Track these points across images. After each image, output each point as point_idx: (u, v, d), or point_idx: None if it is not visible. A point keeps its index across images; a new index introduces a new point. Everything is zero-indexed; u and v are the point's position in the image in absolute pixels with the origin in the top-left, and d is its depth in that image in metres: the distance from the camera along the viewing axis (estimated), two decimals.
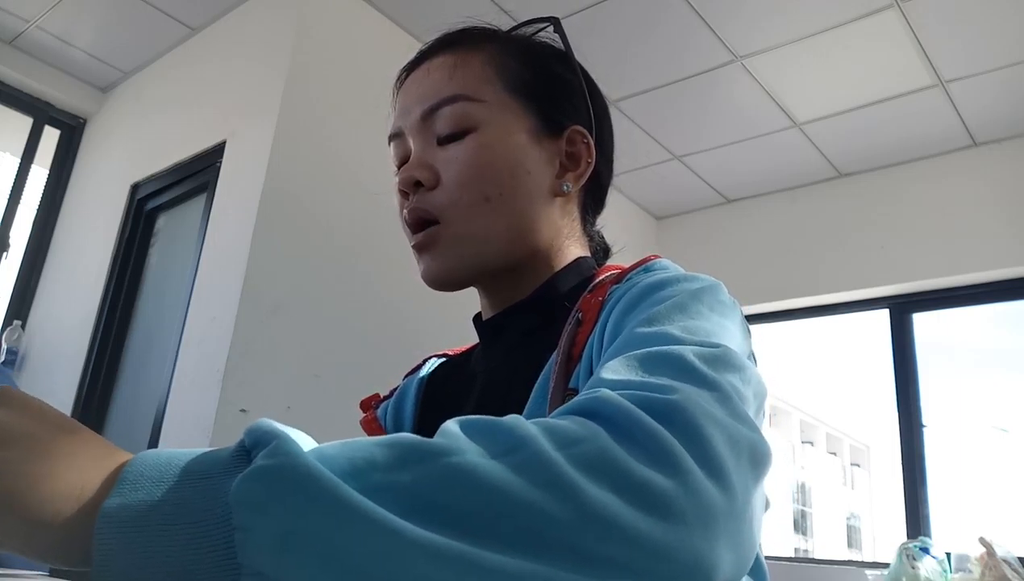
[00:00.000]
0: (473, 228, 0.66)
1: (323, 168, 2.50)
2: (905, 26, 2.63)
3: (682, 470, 0.36)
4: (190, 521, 0.33)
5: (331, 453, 0.34)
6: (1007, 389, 13.32)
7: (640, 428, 0.38)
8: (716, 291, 0.58)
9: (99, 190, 3.16)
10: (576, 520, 0.33)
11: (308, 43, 2.55)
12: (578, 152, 0.72)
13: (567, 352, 0.60)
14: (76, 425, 0.39)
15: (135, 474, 0.35)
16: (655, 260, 0.67)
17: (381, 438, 0.36)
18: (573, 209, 0.74)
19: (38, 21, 2.96)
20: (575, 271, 0.72)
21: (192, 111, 2.86)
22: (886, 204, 3.44)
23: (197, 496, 0.33)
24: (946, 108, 3.04)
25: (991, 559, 2.41)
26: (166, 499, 0.33)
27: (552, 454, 0.35)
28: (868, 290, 3.44)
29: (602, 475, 0.35)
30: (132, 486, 0.34)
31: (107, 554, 0.33)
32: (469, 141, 0.67)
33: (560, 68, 0.73)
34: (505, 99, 0.69)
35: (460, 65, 0.69)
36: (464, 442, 0.36)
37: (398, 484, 0.33)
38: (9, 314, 3.11)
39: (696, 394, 0.41)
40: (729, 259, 3.80)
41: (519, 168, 0.67)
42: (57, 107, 3.31)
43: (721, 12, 2.63)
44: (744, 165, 3.57)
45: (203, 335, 2.32)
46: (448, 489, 0.33)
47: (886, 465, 23.05)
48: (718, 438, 0.39)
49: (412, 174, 0.68)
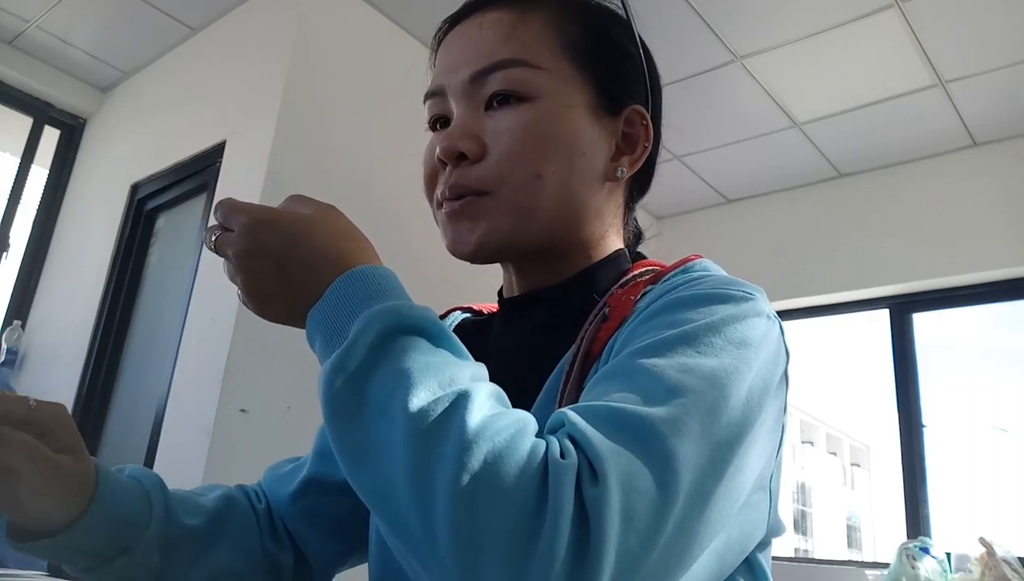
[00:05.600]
0: (520, 204, 0.60)
1: (323, 168, 2.50)
2: (905, 26, 2.63)
3: (545, 542, 0.37)
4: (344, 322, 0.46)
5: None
6: (1007, 389, 13.35)
7: (552, 528, 0.37)
8: (745, 313, 0.52)
9: (99, 190, 3.16)
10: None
11: (308, 43, 2.55)
12: (635, 134, 0.66)
13: (587, 349, 0.57)
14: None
15: (330, 306, 0.48)
16: (696, 261, 0.63)
17: (454, 372, 0.43)
18: (619, 195, 0.69)
19: (38, 21, 2.96)
20: (613, 265, 0.66)
21: (192, 111, 2.86)
22: (886, 204, 3.44)
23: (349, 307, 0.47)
24: (946, 108, 3.04)
25: (991, 559, 2.41)
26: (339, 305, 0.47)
27: (454, 474, 0.38)
28: (868, 290, 3.44)
29: (495, 458, 0.39)
30: (323, 311, 0.48)
31: (311, 338, 0.49)
32: (524, 111, 0.60)
33: (622, 38, 0.67)
34: (565, 68, 0.62)
35: (519, 25, 0.62)
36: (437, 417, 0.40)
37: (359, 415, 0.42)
38: (9, 314, 3.11)
39: (636, 482, 0.40)
40: (729, 259, 3.75)
41: (575, 148, 0.62)
42: (57, 107, 3.31)
43: (721, 12, 2.63)
44: (744, 165, 3.57)
45: (203, 335, 2.32)
46: (372, 439, 0.42)
47: (886, 465, 23.05)
48: (605, 561, 0.38)
49: (455, 144, 0.61)
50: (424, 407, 0.40)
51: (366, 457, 0.42)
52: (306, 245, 0.49)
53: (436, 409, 0.40)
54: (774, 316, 0.56)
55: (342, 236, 0.51)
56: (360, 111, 2.62)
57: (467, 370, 0.44)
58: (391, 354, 0.43)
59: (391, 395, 0.41)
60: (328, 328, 0.46)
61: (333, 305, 0.47)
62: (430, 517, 0.38)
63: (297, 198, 0.54)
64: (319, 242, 0.50)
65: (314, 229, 0.50)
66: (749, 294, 0.55)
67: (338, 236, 0.51)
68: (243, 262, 0.50)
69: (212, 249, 0.52)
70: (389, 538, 0.42)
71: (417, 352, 0.43)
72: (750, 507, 0.53)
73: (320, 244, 0.50)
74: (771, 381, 0.51)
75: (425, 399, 0.41)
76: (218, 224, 0.53)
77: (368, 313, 0.45)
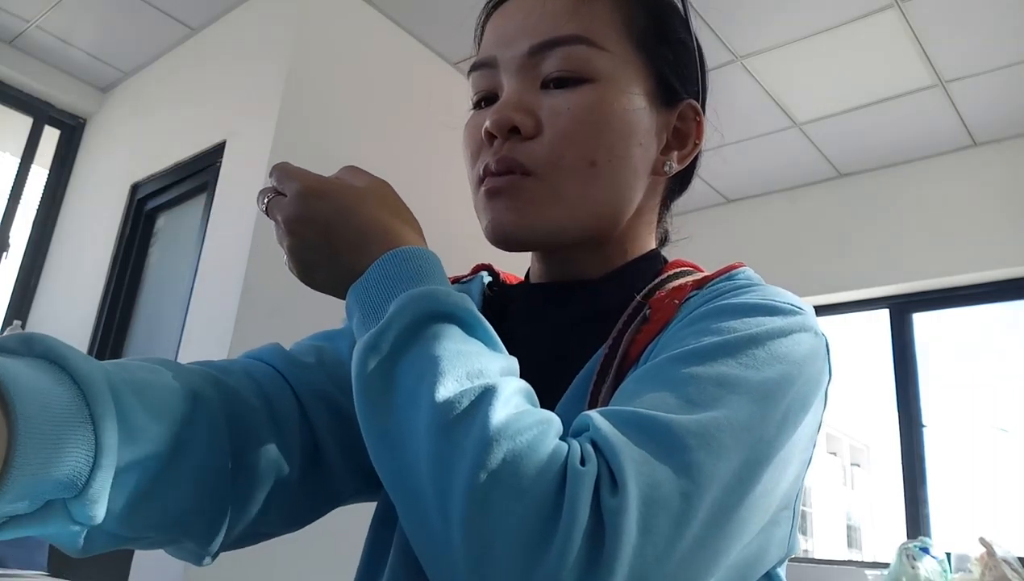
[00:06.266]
0: (569, 191, 0.57)
1: (323, 168, 2.47)
2: (905, 26, 2.63)
3: (556, 549, 0.37)
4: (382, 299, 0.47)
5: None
6: (1007, 389, 13.34)
7: (565, 537, 0.37)
8: (792, 328, 0.50)
9: (99, 190, 3.16)
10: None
11: (308, 43, 2.55)
12: (688, 129, 0.64)
13: (625, 350, 0.55)
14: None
15: (372, 281, 0.48)
16: (739, 269, 0.61)
17: (493, 359, 0.44)
18: (660, 191, 0.67)
19: (38, 21, 2.96)
20: (649, 264, 0.64)
21: (192, 111, 2.86)
22: (886, 204, 3.44)
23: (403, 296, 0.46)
24: (946, 108, 3.04)
25: (991, 559, 2.41)
26: (393, 288, 0.47)
27: (471, 472, 0.38)
28: (868, 290, 3.44)
29: (508, 475, 0.38)
30: (364, 289, 0.48)
31: (350, 311, 0.49)
32: (584, 92, 0.57)
33: (683, 31, 0.65)
34: (629, 53, 0.60)
35: (586, 1, 0.59)
36: (461, 414, 0.40)
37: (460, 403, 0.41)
38: (9, 314, 3.11)
39: (659, 491, 0.39)
40: (729, 259, 3.76)
41: (632, 136, 0.59)
42: (57, 107, 3.31)
43: (721, 12, 2.63)
44: (744, 165, 3.57)
45: (203, 335, 2.32)
46: (399, 430, 0.42)
47: (886, 465, 23.05)
48: (617, 575, 0.37)
49: (510, 116, 0.57)
50: (450, 398, 0.40)
51: (391, 441, 0.42)
52: (355, 218, 0.50)
53: (462, 402, 0.40)
54: (822, 334, 0.53)
55: (391, 213, 0.51)
56: (360, 111, 2.62)
57: (498, 362, 0.44)
58: (424, 339, 0.43)
59: (419, 380, 0.42)
60: (366, 305, 0.47)
61: (374, 283, 0.47)
62: (446, 510, 0.39)
63: (352, 169, 0.55)
64: (368, 216, 0.50)
65: (364, 202, 0.51)
66: (798, 308, 0.53)
67: (388, 212, 0.51)
68: (292, 227, 0.51)
69: (264, 211, 0.54)
70: (405, 523, 0.43)
71: (450, 340, 0.44)
72: (775, 524, 0.52)
73: (368, 218, 0.50)
74: (811, 400, 0.50)
75: (452, 390, 0.41)
76: (271, 187, 0.53)
77: (405, 295, 0.45)
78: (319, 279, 0.52)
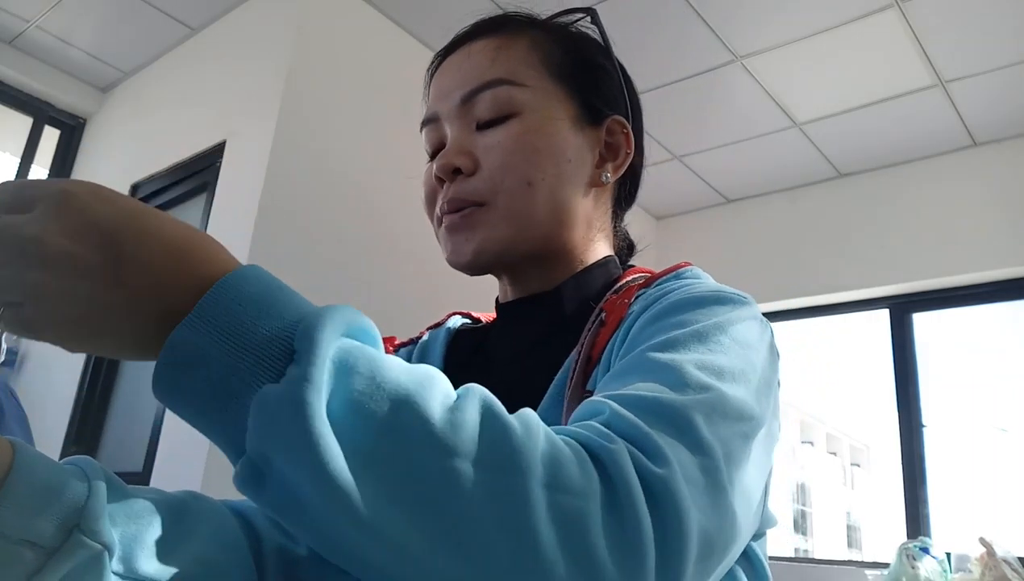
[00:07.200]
0: (514, 211, 0.64)
1: (323, 168, 2.50)
2: (905, 26, 2.63)
3: (640, 570, 0.37)
4: (226, 393, 0.36)
5: (356, 391, 0.36)
6: (1007, 389, 13.35)
7: (631, 507, 0.38)
8: (745, 316, 0.55)
9: None
10: (517, 567, 0.35)
11: (308, 43, 2.55)
12: (617, 142, 0.71)
13: (587, 353, 0.59)
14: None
15: (208, 313, 0.36)
16: (686, 267, 0.66)
17: (405, 391, 0.36)
18: (607, 201, 0.73)
19: (38, 21, 2.96)
20: (602, 271, 0.70)
21: (192, 111, 2.86)
22: (886, 204, 3.44)
23: (235, 375, 0.36)
24: (946, 108, 3.04)
25: (991, 559, 2.41)
26: (216, 358, 0.36)
27: (535, 491, 0.36)
28: (868, 290, 3.44)
29: (568, 535, 0.36)
30: (202, 324, 0.36)
31: (164, 374, 0.36)
32: (512, 125, 0.65)
33: (600, 57, 0.72)
34: (548, 85, 0.67)
35: (503, 48, 0.67)
36: (467, 441, 0.36)
37: (385, 459, 0.35)
38: None
39: (686, 468, 0.41)
40: (729, 259, 3.79)
41: (561, 154, 0.66)
42: (57, 107, 3.31)
43: (721, 12, 2.63)
44: (744, 165, 3.57)
45: None
46: (428, 486, 0.35)
47: (886, 465, 23.06)
48: (692, 538, 0.39)
49: (451, 161, 0.65)
50: (462, 437, 0.36)
51: (422, 511, 0.35)
52: (153, 223, 0.38)
53: (469, 435, 0.36)
54: (766, 321, 0.59)
55: (182, 223, 0.40)
56: (360, 111, 2.63)
57: (440, 377, 0.40)
58: (366, 370, 0.37)
59: (398, 413, 0.36)
60: (245, 344, 0.35)
61: (238, 309, 0.36)
62: (535, 544, 0.35)
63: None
64: (168, 223, 0.38)
65: (149, 209, 0.39)
66: (744, 298, 0.58)
67: (177, 221, 0.40)
68: (51, 246, 0.35)
69: None
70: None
71: (391, 364, 0.38)
72: None
73: (171, 226, 0.38)
74: (772, 379, 0.54)
75: (449, 423, 0.36)
76: None
77: (314, 318, 0.37)
78: (103, 328, 0.36)
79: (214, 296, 0.37)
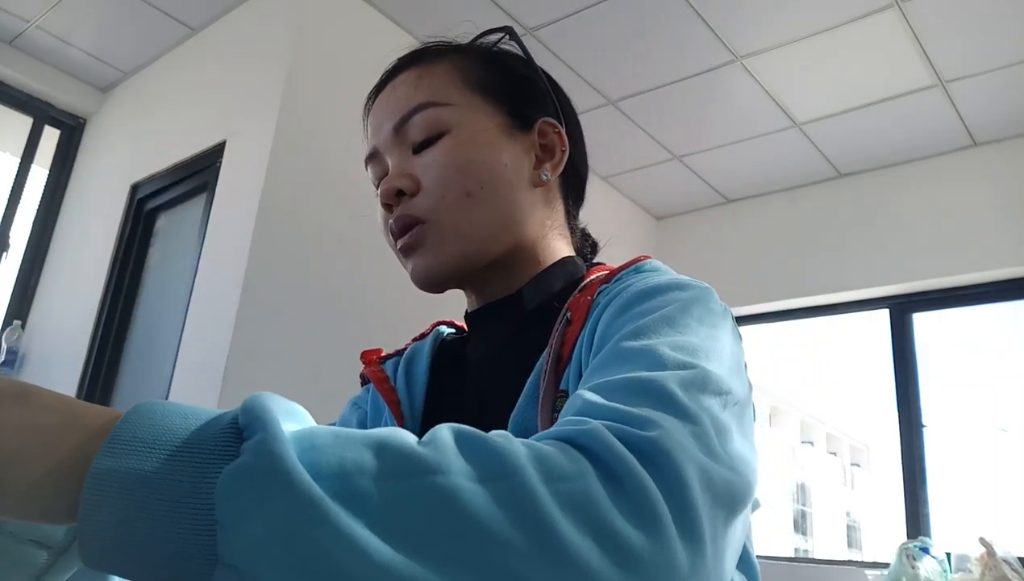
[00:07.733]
0: (459, 223, 0.67)
1: (323, 168, 2.49)
2: (905, 26, 2.63)
3: (659, 526, 0.37)
4: (175, 498, 0.32)
5: (321, 444, 0.35)
6: (1007, 389, 13.33)
7: (627, 473, 0.38)
8: (707, 300, 0.58)
9: (99, 190, 3.16)
10: (550, 563, 0.34)
11: (308, 43, 2.55)
12: (551, 142, 0.73)
13: (557, 352, 0.61)
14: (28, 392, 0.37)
15: (129, 434, 0.34)
16: (645, 261, 0.68)
17: (374, 437, 0.36)
18: (555, 200, 0.75)
19: (38, 21, 2.96)
20: (563, 270, 0.72)
21: (192, 111, 2.86)
22: (886, 204, 3.44)
23: (185, 472, 0.33)
24: (946, 108, 3.04)
25: (991, 559, 2.41)
26: (155, 469, 0.33)
27: (538, 488, 0.36)
28: (868, 290, 3.44)
29: (583, 519, 0.36)
30: (124, 447, 0.34)
31: (92, 512, 0.33)
32: (444, 143, 0.67)
33: (522, 68, 0.75)
34: (472, 99, 0.70)
35: (424, 75, 0.70)
36: (454, 460, 0.36)
37: (382, 496, 0.34)
38: (9, 314, 3.11)
39: (676, 430, 0.41)
40: (729, 259, 3.80)
41: (496, 160, 0.68)
42: (57, 107, 3.31)
43: (721, 12, 2.63)
44: (744, 165, 3.57)
45: (203, 335, 2.32)
46: (429, 512, 0.34)
47: (886, 465, 23.05)
48: (695, 484, 0.39)
49: (393, 184, 0.68)
50: (449, 456, 0.36)
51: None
52: (33, 389, 0.37)
53: (454, 454, 0.36)
54: (726, 307, 0.61)
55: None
56: (360, 111, 2.62)
57: (401, 431, 0.39)
58: (326, 430, 0.36)
59: (380, 453, 0.35)
60: (181, 445, 0.34)
61: (161, 421, 0.35)
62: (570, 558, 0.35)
63: None
64: (46, 393, 0.38)
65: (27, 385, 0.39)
66: (704, 286, 0.60)
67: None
68: None
69: None
70: None
71: (346, 426, 0.37)
72: None
73: (49, 394, 0.37)
74: (741, 361, 0.56)
75: (432, 449, 0.36)
76: None
77: (249, 401, 0.37)
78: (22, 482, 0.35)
79: (129, 420, 0.35)
